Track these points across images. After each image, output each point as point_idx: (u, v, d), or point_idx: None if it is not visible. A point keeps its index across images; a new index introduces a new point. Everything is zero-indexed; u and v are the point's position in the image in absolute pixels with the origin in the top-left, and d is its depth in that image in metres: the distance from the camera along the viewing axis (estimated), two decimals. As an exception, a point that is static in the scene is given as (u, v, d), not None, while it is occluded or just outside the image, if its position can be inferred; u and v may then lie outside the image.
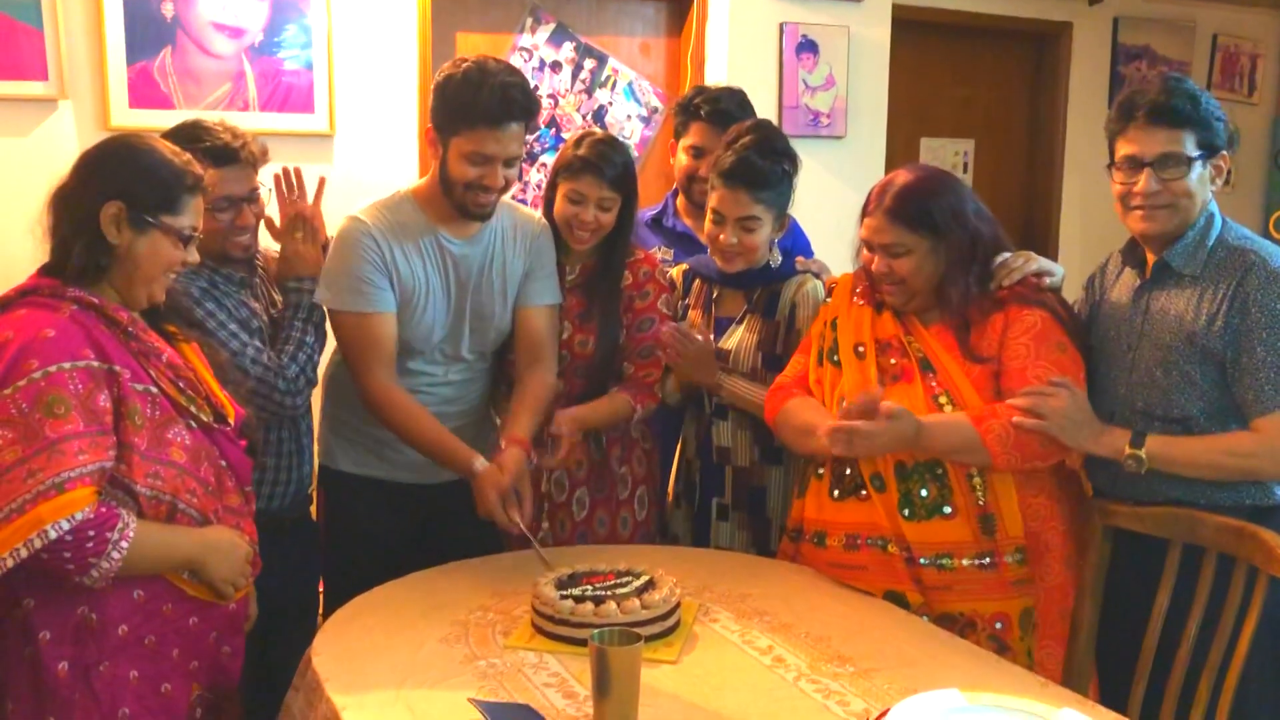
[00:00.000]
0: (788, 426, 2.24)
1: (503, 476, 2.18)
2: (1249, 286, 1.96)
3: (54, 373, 1.60)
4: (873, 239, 2.15)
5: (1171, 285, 2.06)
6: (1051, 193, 4.95)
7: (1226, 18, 5.25)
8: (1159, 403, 2.04)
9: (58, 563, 1.58)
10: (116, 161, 1.74)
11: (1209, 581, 1.90)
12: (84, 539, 1.58)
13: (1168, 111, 2.00)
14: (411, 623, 1.91)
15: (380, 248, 2.26)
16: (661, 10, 3.91)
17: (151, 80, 3.04)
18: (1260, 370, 1.94)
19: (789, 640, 1.86)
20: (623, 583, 1.93)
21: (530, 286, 2.42)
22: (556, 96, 3.74)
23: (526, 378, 2.40)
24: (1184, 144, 2.01)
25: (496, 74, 2.17)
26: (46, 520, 1.55)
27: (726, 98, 2.88)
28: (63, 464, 1.57)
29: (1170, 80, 2.05)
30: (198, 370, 1.83)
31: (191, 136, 2.13)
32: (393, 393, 2.28)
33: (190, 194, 1.77)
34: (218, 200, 2.15)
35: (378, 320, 2.27)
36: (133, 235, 1.72)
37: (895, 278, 2.13)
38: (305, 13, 3.19)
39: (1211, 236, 2.04)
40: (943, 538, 2.04)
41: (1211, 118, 2.02)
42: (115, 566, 1.61)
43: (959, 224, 2.09)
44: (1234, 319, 1.96)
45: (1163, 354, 2.03)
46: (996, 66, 4.92)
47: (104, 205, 1.69)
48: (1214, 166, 2.04)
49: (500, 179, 2.23)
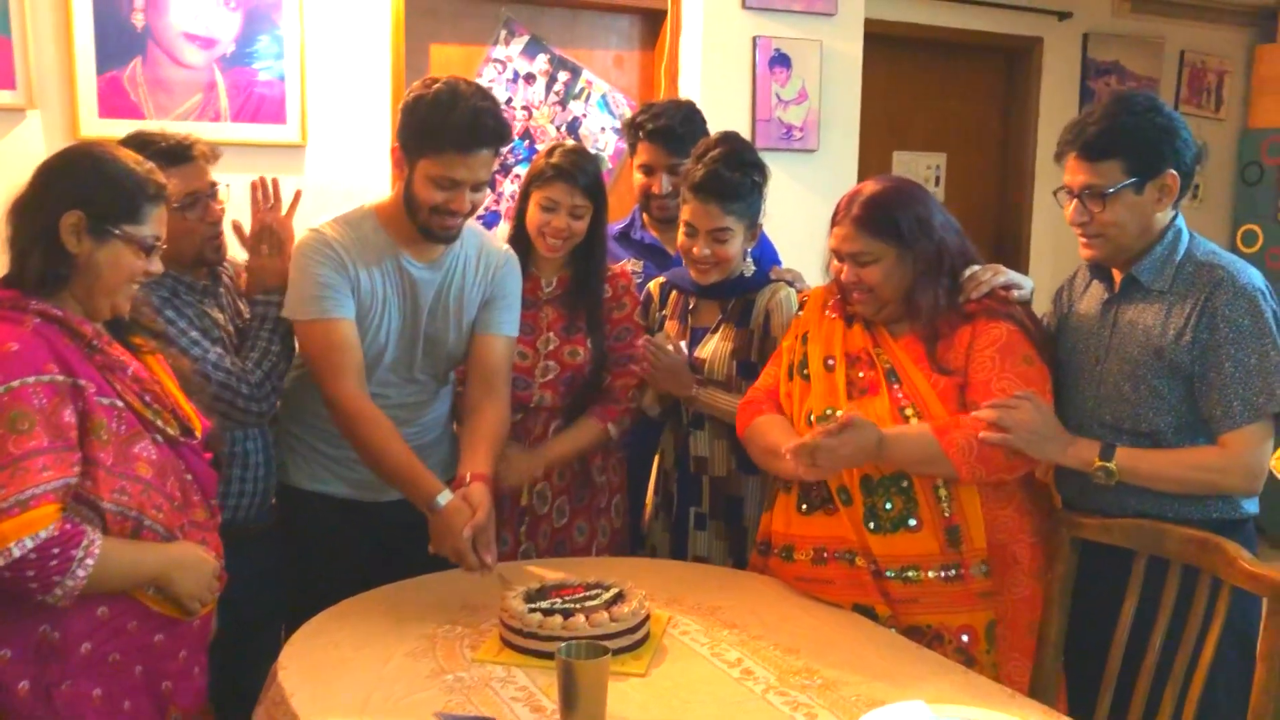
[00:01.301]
0: (754, 445, 2.25)
1: (477, 514, 2.06)
2: (1217, 302, 1.96)
3: (17, 387, 1.57)
4: (841, 248, 2.16)
5: (1140, 299, 2.06)
6: (1022, 205, 5.00)
7: (1194, 35, 5.33)
8: (1126, 416, 2.05)
9: (21, 581, 1.55)
10: (77, 170, 1.72)
11: (1174, 592, 1.91)
12: (48, 557, 1.55)
13: (1090, 143, 2.01)
14: (379, 636, 1.90)
15: (341, 258, 2.21)
16: (635, 23, 3.92)
17: (121, 90, 3.01)
18: (1228, 386, 1.95)
19: (758, 653, 1.86)
20: (591, 595, 1.93)
21: (490, 315, 2.37)
22: (530, 108, 3.74)
23: (482, 409, 2.32)
24: (1110, 174, 2.00)
25: (468, 98, 2.12)
26: (10, 539, 1.52)
27: (670, 114, 2.87)
28: (26, 481, 1.55)
29: (1107, 106, 2.05)
30: (164, 383, 1.81)
31: (139, 144, 2.09)
32: (361, 403, 2.18)
33: (153, 203, 1.74)
34: (183, 199, 2.14)
35: (341, 326, 2.20)
36: (93, 245, 1.69)
37: (863, 286, 2.14)
38: (278, 23, 3.18)
39: (1179, 251, 2.04)
40: (908, 550, 2.04)
41: (1147, 141, 2.00)
42: (80, 584, 1.59)
43: (925, 233, 2.11)
44: (1202, 334, 1.97)
45: (1130, 368, 2.04)
46: (968, 81, 4.97)
47: (63, 214, 1.66)
48: (1159, 187, 2.01)
49: (467, 204, 2.18)
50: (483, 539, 2.06)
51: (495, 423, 2.31)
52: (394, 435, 2.18)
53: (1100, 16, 5.04)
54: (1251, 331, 1.94)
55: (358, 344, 2.23)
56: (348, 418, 2.19)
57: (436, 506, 2.08)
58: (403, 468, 2.15)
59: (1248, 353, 1.94)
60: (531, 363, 2.50)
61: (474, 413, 2.33)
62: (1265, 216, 5.21)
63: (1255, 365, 1.93)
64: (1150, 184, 2.01)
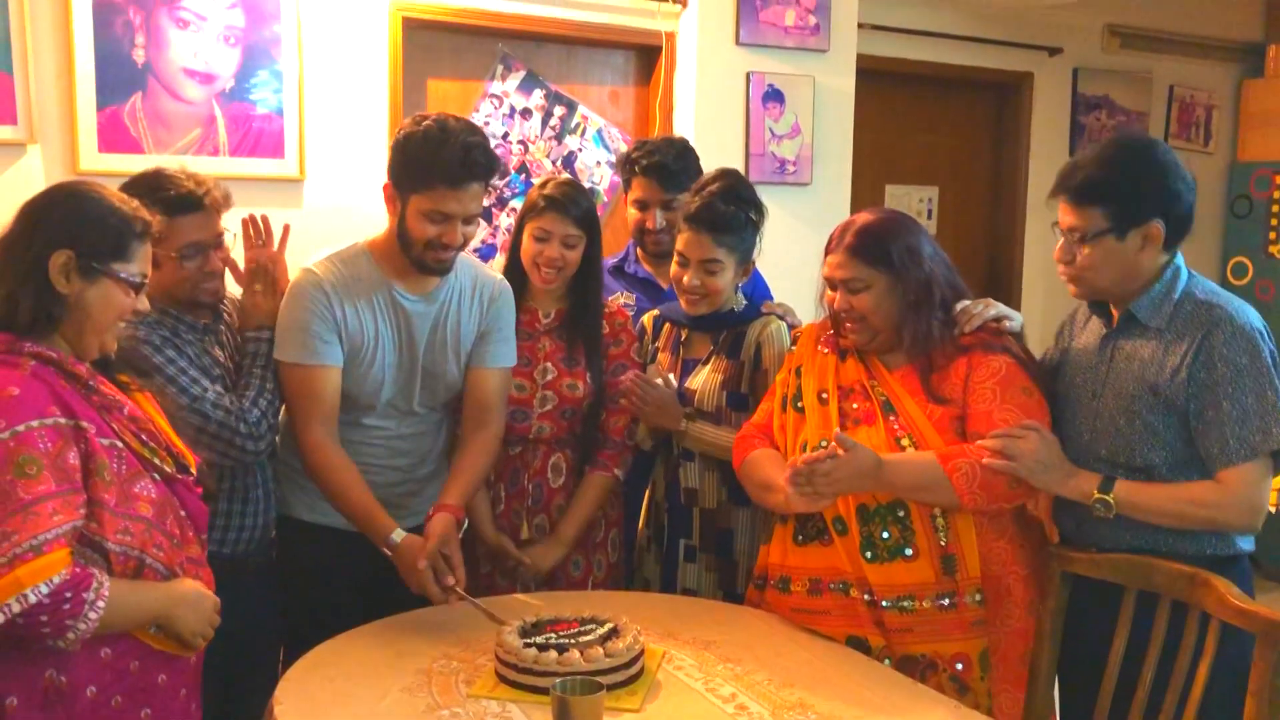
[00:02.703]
0: (749, 480, 2.27)
1: (429, 542, 2.12)
2: (1215, 340, 1.96)
3: (22, 432, 1.57)
4: (834, 275, 2.19)
5: (1137, 335, 2.07)
6: (1014, 238, 5.04)
7: (1183, 70, 5.39)
8: (1122, 451, 2.05)
9: (34, 627, 1.54)
10: (64, 210, 1.70)
11: (1164, 627, 1.93)
12: (60, 601, 1.54)
13: (1075, 189, 2.04)
14: (375, 671, 1.90)
15: (330, 301, 2.23)
16: (630, 59, 3.96)
17: (121, 125, 3.04)
18: (1225, 423, 1.94)
19: (752, 688, 1.87)
20: (586, 630, 1.94)
21: (485, 348, 2.40)
22: (526, 142, 3.78)
23: (470, 441, 2.37)
24: (1092, 220, 2.02)
25: (458, 133, 2.15)
26: (26, 584, 1.51)
27: (664, 150, 2.90)
28: (38, 526, 1.54)
29: (1098, 152, 2.07)
30: (155, 420, 1.81)
31: (154, 185, 2.12)
32: (326, 451, 2.24)
33: (140, 241, 1.74)
34: (184, 248, 2.15)
35: (320, 374, 2.24)
36: (83, 284, 1.68)
37: (855, 314, 2.16)
38: (276, 59, 3.21)
39: (1178, 290, 2.05)
40: (905, 579, 2.06)
41: (1131, 191, 2.01)
42: (92, 627, 1.58)
43: (915, 263, 2.14)
44: (1199, 372, 1.97)
45: (1126, 403, 2.05)
46: (960, 115, 5.02)
47: (52, 254, 1.65)
48: (1142, 235, 2.02)
49: (459, 237, 2.21)
50: (440, 568, 2.10)
51: (479, 455, 2.35)
52: (353, 478, 2.24)
53: (1090, 52, 5.10)
54: (1250, 371, 1.95)
55: (335, 391, 2.26)
56: (313, 465, 2.26)
57: (393, 544, 2.15)
58: (359, 509, 2.22)
59: (1245, 392, 1.94)
60: (530, 394, 2.52)
61: (461, 446, 2.39)
62: (1254, 249, 5.26)
63: (1253, 405, 1.94)
64: (1133, 232, 2.02)
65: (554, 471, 2.55)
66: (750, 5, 3.89)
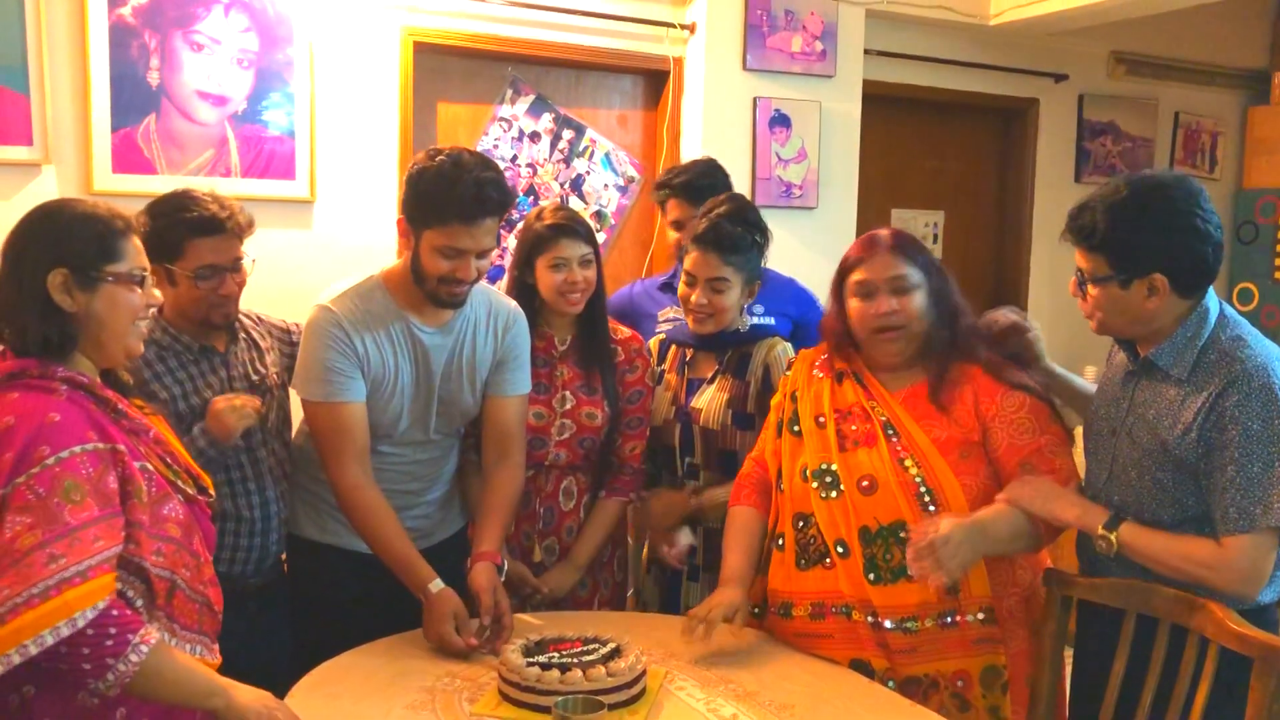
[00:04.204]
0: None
1: (480, 597, 2.13)
2: (1228, 401, 1.86)
3: (66, 458, 1.57)
4: (878, 277, 2.17)
5: (1159, 379, 1.99)
6: (1020, 263, 5.05)
7: (1188, 96, 5.41)
8: (1131, 503, 2.00)
9: (76, 659, 1.53)
10: (42, 230, 1.69)
11: (1163, 651, 1.93)
12: (104, 635, 1.54)
13: (1078, 231, 1.98)
14: (378, 689, 1.92)
15: (349, 338, 2.23)
16: (638, 83, 4.00)
17: (135, 146, 3.08)
18: (1228, 490, 1.85)
19: (753, 709, 1.88)
20: (589, 650, 1.95)
21: (502, 376, 2.40)
22: (535, 165, 3.81)
23: (494, 477, 2.38)
24: (1097, 265, 1.96)
25: (471, 169, 2.13)
26: (75, 608, 1.51)
27: (692, 170, 3.07)
28: (85, 551, 1.54)
29: (1104, 198, 1.96)
30: (171, 443, 1.82)
31: (179, 206, 2.15)
32: (363, 493, 2.23)
33: (123, 237, 1.72)
34: (200, 269, 2.18)
35: (347, 410, 2.24)
36: (86, 296, 1.67)
37: (901, 317, 2.16)
38: (289, 82, 3.26)
39: (1203, 337, 1.94)
40: (908, 600, 2.06)
41: (1131, 244, 1.92)
42: (132, 670, 1.55)
43: (939, 272, 2.22)
44: (1209, 432, 1.88)
45: (1138, 455, 1.99)
46: (965, 140, 5.05)
47: (47, 276, 1.65)
48: (1146, 285, 1.93)
49: (473, 271, 2.20)
50: (465, 624, 2.11)
51: (506, 491, 2.36)
52: (392, 523, 2.24)
53: (1096, 78, 5.12)
54: (1260, 438, 1.84)
55: (364, 426, 2.26)
56: (350, 506, 2.25)
57: (429, 594, 2.14)
58: (399, 557, 2.21)
59: (1253, 460, 1.84)
60: (548, 422, 2.53)
61: (488, 481, 2.39)
62: (1260, 275, 5.26)
63: (1258, 474, 1.83)
64: (1137, 282, 1.93)
65: (565, 495, 2.57)
66: (757, 31, 3.93)
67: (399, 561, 2.20)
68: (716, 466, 2.54)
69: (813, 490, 2.16)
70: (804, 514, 2.17)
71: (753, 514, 2.30)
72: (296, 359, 2.33)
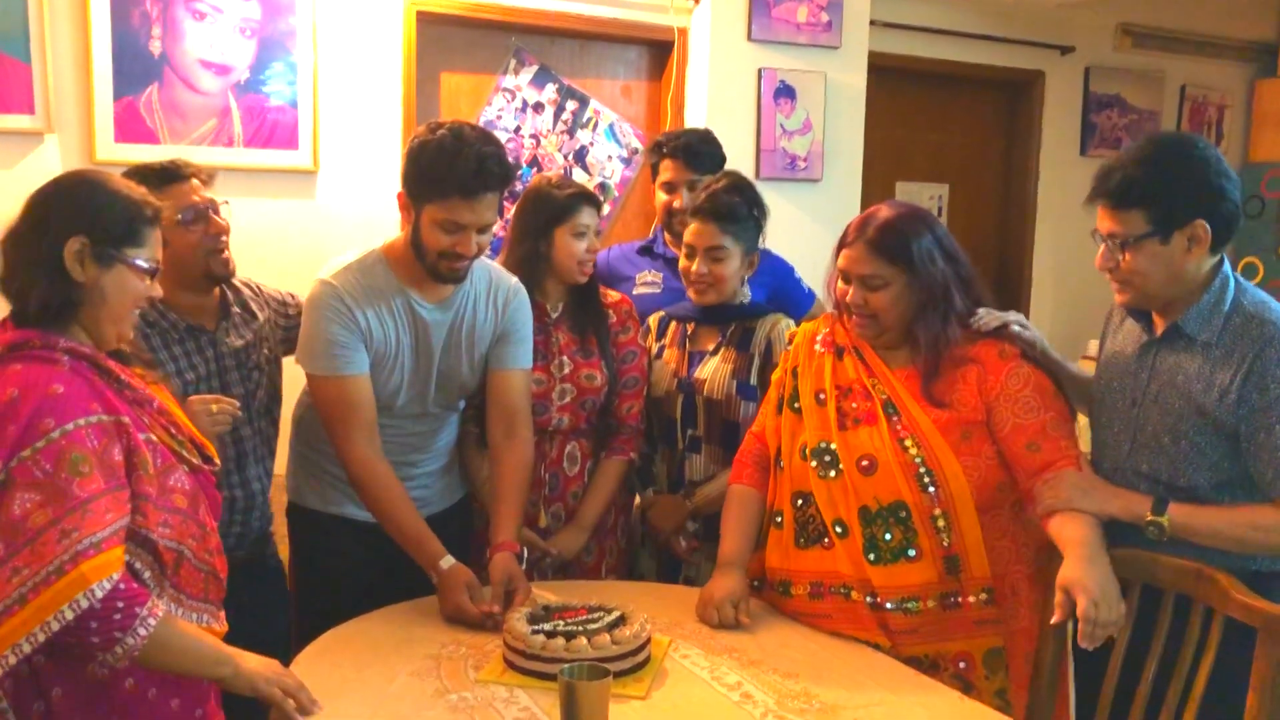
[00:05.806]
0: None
1: (493, 586, 2.13)
2: (1267, 360, 1.86)
3: (71, 430, 1.56)
4: (851, 269, 2.16)
5: (1182, 348, 1.98)
6: (1024, 236, 5.03)
7: (1195, 69, 5.38)
8: (1165, 469, 1.98)
9: (84, 634, 1.54)
10: (75, 197, 1.69)
11: (1167, 622, 1.93)
12: (112, 610, 1.54)
13: (1114, 192, 1.94)
14: (383, 657, 1.93)
15: (351, 311, 2.22)
16: (643, 54, 3.98)
17: (137, 115, 3.06)
18: (1277, 449, 1.85)
19: (757, 677, 1.89)
20: (594, 618, 1.96)
21: (505, 350, 2.40)
22: (538, 136, 3.79)
23: (504, 456, 2.36)
24: (1134, 224, 1.93)
25: (473, 143, 2.11)
26: (90, 580, 1.51)
27: (689, 134, 3.08)
28: (96, 524, 1.54)
29: (1136, 152, 1.96)
30: (175, 413, 1.81)
31: (134, 170, 2.14)
32: (373, 468, 2.23)
33: (150, 226, 1.73)
34: (183, 211, 2.19)
35: (353, 383, 2.23)
36: (98, 271, 1.67)
37: (869, 310, 2.14)
38: (291, 51, 3.24)
39: (1227, 301, 1.95)
40: (908, 580, 2.05)
41: (1172, 192, 1.90)
42: (140, 643, 1.56)
43: (934, 263, 2.12)
44: (1251, 394, 1.87)
45: (1172, 421, 1.97)
46: (971, 113, 5.02)
47: (66, 241, 1.64)
48: (1188, 237, 1.91)
49: (474, 247, 2.19)
50: (479, 595, 2.11)
51: (518, 471, 2.36)
52: (403, 499, 2.24)
53: (1102, 51, 5.09)
54: None
55: (370, 399, 2.26)
56: (360, 481, 2.25)
57: (441, 570, 2.15)
58: (410, 534, 2.21)
59: None
60: (548, 387, 2.54)
61: (498, 462, 2.38)
62: (1266, 249, 5.24)
63: None
64: (1178, 233, 1.91)
65: (570, 460, 2.57)
66: (762, 2, 3.90)
67: (410, 538, 2.20)
68: (718, 439, 2.55)
69: (811, 469, 2.14)
70: (803, 492, 2.16)
71: (751, 492, 2.29)
72: (297, 332, 2.32)
